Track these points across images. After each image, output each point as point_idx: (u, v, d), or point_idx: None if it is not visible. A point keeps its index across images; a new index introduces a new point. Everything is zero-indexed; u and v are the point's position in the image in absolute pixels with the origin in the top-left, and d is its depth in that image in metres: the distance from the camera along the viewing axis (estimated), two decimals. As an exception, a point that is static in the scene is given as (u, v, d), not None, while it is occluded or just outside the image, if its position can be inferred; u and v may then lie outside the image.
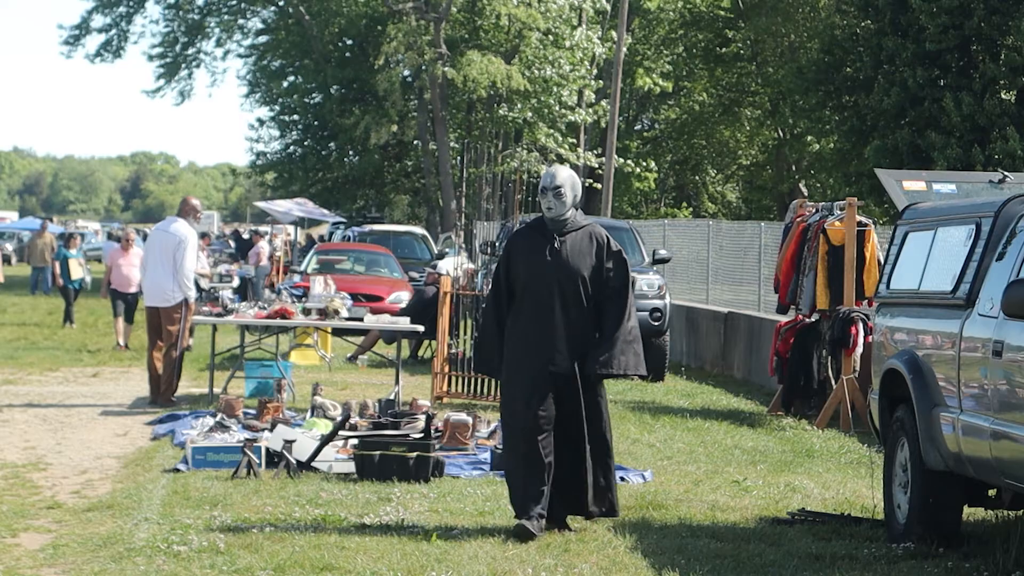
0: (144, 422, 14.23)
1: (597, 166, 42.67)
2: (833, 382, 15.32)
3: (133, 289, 22.03)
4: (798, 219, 16.21)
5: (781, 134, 47.73)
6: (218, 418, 12.94)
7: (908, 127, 31.81)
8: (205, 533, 8.77)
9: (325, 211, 43.68)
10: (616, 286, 9.08)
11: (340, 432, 11.82)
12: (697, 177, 57.00)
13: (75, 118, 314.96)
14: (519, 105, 42.95)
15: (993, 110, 30.03)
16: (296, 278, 23.73)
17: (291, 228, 42.55)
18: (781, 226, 17.76)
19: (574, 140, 45.09)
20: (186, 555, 8.24)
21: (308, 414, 13.63)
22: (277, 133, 52.77)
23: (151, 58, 53.05)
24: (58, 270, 28.50)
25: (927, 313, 9.23)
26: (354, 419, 12.61)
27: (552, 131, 43.31)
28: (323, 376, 17.92)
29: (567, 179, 9.13)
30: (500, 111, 43.43)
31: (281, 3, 52.05)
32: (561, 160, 43.03)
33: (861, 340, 14.70)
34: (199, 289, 21.00)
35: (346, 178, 50.02)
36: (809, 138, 44.43)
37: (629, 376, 9.59)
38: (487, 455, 11.87)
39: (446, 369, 16.02)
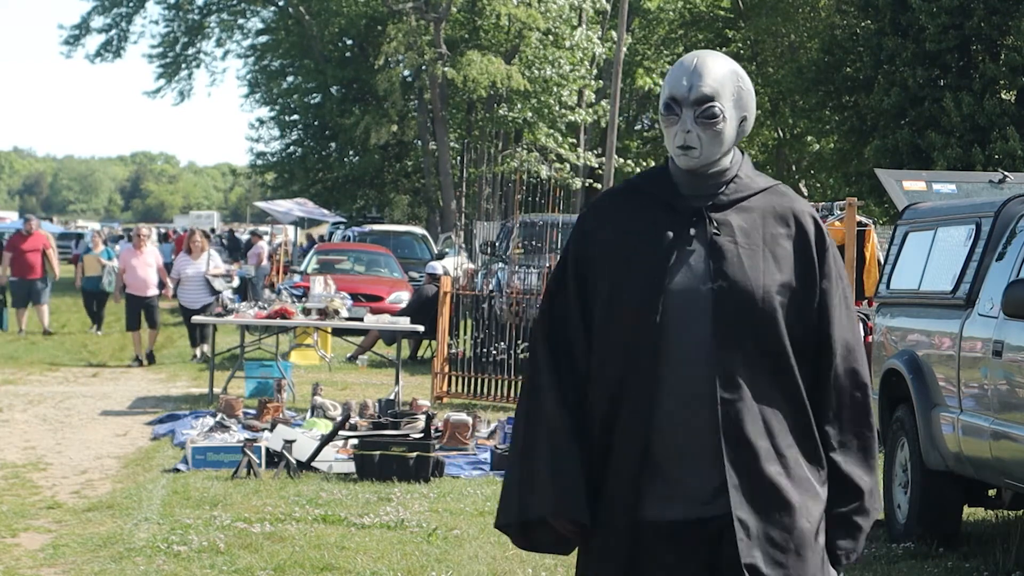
0: (144, 422, 14.24)
1: (597, 166, 42.63)
2: (833, 382, 15.28)
3: (151, 292, 20.57)
4: (798, 219, 16.18)
5: (781, 134, 47.71)
6: (218, 418, 12.94)
7: (908, 127, 31.81)
8: (205, 533, 8.77)
9: (325, 211, 43.63)
10: (839, 334, 3.73)
11: (340, 432, 11.83)
12: (697, 177, 56.91)
13: (75, 118, 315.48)
14: (519, 105, 42.92)
15: (993, 110, 30.03)
16: (296, 278, 23.72)
17: (290, 229, 42.47)
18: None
19: (574, 140, 45.05)
20: (186, 555, 8.24)
21: (308, 414, 13.64)
22: (277, 133, 52.76)
23: (151, 59, 53.12)
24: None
25: (927, 313, 9.23)
26: (354, 419, 12.61)
27: (552, 131, 43.27)
28: (323, 376, 17.92)
29: (725, 76, 3.69)
30: (500, 111, 43.40)
31: (281, 3, 52.03)
32: (561, 160, 43.00)
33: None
34: (214, 291, 20.81)
35: (346, 178, 49.98)
36: (809, 138, 44.43)
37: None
38: (487, 455, 11.88)
39: (446, 369, 16.01)
